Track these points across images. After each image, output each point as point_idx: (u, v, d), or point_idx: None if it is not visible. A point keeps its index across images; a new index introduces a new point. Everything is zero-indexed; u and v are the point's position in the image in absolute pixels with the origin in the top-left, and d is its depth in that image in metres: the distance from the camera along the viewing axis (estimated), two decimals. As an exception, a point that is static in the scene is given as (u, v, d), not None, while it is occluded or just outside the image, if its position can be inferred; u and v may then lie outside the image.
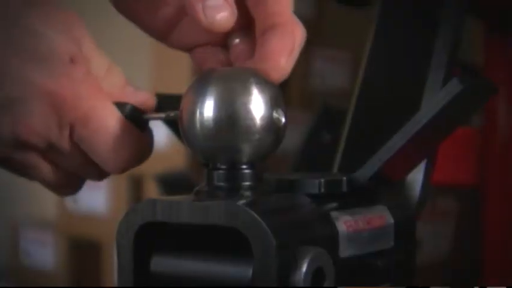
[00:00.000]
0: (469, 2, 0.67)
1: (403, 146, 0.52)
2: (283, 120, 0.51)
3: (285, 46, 0.52)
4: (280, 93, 0.52)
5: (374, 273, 0.53)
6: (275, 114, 0.50)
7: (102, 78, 0.54)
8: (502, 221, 1.04)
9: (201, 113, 0.50)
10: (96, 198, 2.06)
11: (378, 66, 0.66)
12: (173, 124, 0.57)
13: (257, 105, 0.50)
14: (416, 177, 0.59)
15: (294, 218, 0.50)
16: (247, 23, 0.55)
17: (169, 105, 0.60)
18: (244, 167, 0.51)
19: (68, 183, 0.56)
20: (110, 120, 0.53)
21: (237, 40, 0.57)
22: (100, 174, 0.56)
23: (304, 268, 0.46)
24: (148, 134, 0.56)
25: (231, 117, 0.50)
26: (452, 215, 1.53)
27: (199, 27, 0.52)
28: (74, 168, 0.55)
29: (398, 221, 0.56)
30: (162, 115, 0.56)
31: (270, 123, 0.50)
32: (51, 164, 0.54)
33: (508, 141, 1.01)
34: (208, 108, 0.50)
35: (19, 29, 0.51)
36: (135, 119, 0.56)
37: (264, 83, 0.51)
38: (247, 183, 0.50)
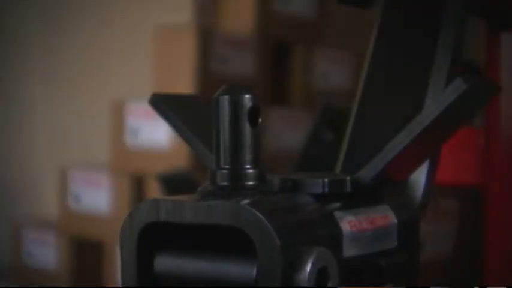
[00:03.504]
0: (471, 1, 0.67)
1: (406, 146, 0.52)
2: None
3: None
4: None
5: (377, 273, 0.53)
6: None
7: None
8: (503, 221, 1.04)
9: None
10: (98, 197, 2.06)
11: (381, 66, 0.65)
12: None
13: None
14: (419, 177, 0.59)
15: (298, 218, 0.50)
16: None
17: (170, 105, 0.60)
18: (247, 166, 0.51)
19: None
20: None
21: None
22: None
23: (308, 268, 0.46)
24: None
25: None
26: (454, 215, 1.53)
27: None
28: None
29: (402, 221, 0.56)
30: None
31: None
32: None
33: (510, 141, 1.01)
34: None
35: None
36: None
37: None
38: (250, 183, 0.50)
